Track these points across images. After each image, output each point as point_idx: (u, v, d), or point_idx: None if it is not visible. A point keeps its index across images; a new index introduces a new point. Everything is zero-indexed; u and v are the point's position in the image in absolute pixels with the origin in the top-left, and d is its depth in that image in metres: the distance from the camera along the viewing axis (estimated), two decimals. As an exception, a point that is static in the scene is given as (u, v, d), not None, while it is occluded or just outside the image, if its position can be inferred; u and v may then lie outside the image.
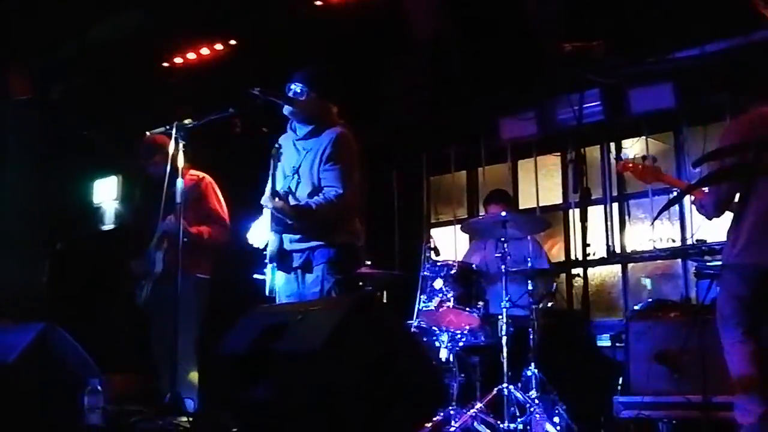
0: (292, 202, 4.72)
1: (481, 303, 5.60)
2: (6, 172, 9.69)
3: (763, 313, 4.26)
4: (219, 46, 8.07)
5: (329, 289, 4.64)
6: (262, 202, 4.76)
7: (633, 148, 7.40)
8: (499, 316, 5.56)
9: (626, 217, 7.45)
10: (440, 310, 5.53)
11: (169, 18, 7.72)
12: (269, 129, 4.83)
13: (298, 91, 4.86)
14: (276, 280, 4.78)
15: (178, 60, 8.33)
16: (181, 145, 4.91)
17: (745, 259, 4.24)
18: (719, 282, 4.41)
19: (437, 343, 5.64)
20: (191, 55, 8.25)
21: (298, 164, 4.82)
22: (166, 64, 8.40)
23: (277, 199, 4.64)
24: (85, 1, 7.53)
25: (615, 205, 7.50)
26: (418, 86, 7.63)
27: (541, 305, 5.98)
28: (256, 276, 4.95)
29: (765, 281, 4.25)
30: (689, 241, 6.87)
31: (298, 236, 4.74)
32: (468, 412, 5.32)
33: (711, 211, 4.37)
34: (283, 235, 4.77)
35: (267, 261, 4.79)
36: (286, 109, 4.87)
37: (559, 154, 7.84)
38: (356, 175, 4.78)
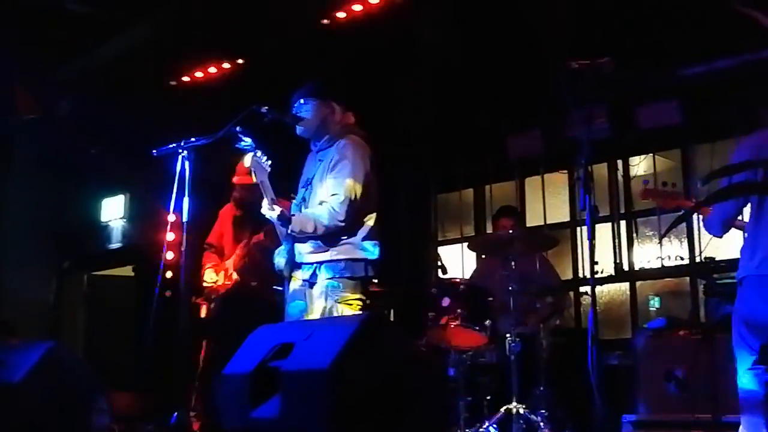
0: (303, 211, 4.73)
1: (488, 321, 5.57)
2: (14, 191, 9.72)
3: None
4: (227, 65, 8.11)
5: (331, 307, 4.57)
6: (262, 211, 4.75)
7: (640, 165, 7.39)
8: (507, 335, 5.54)
9: (634, 235, 7.43)
10: (448, 328, 5.52)
11: (177, 36, 7.74)
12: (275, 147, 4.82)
13: (302, 102, 4.87)
14: (288, 292, 4.80)
15: (185, 78, 8.36)
16: (187, 164, 4.92)
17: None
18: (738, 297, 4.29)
19: (445, 362, 5.62)
20: (199, 74, 8.29)
21: (312, 175, 4.83)
22: (173, 82, 8.44)
23: (274, 207, 4.62)
24: (92, 19, 7.56)
25: (623, 223, 7.48)
26: (425, 104, 7.64)
27: (549, 323, 5.98)
28: (276, 288, 4.98)
29: None
30: (698, 259, 6.85)
31: (308, 249, 4.72)
32: (476, 431, 5.30)
33: (716, 229, 4.33)
34: (296, 247, 4.75)
35: (278, 270, 4.81)
36: (299, 130, 4.87)
37: (566, 171, 7.83)
38: (364, 182, 4.69)
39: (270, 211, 4.64)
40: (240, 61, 8.01)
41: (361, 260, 4.68)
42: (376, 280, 4.87)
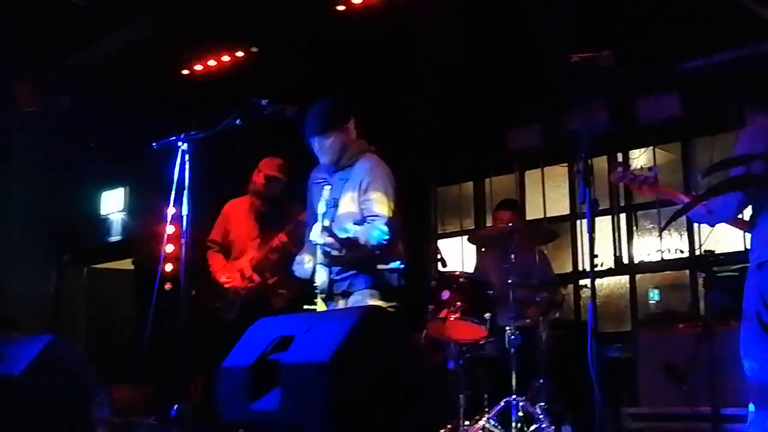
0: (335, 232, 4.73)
1: (488, 314, 5.58)
2: (14, 184, 9.72)
3: None
4: (226, 58, 8.10)
5: None
6: (311, 238, 4.74)
7: (640, 158, 7.38)
8: (507, 328, 5.55)
9: (634, 228, 7.43)
10: (448, 321, 5.52)
11: (177, 28, 7.73)
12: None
13: (322, 138, 4.82)
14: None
15: (185, 72, 8.36)
16: (187, 157, 4.91)
17: None
18: (748, 284, 4.23)
19: (444, 354, 5.63)
20: (198, 67, 8.28)
21: (338, 195, 4.79)
22: (174, 75, 8.43)
23: (327, 235, 4.62)
24: (92, 11, 7.55)
25: (623, 216, 7.48)
26: (425, 97, 7.63)
27: (548, 316, 5.98)
28: (306, 307, 4.98)
29: None
30: (697, 252, 6.85)
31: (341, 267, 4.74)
32: (475, 424, 5.30)
33: (725, 215, 4.24)
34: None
35: (318, 292, 4.81)
36: (323, 159, 4.85)
37: (566, 164, 7.83)
38: (396, 198, 4.75)
39: (325, 237, 4.62)
40: (239, 54, 8.01)
41: (391, 270, 4.74)
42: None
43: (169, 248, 6.35)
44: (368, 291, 4.65)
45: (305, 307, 5.03)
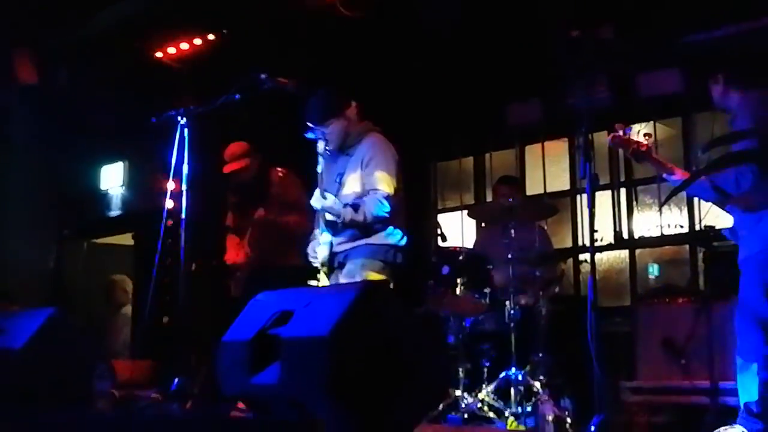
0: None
1: (488, 289, 5.59)
2: (13, 159, 9.71)
3: None
4: (222, 34, 8.07)
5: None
6: (312, 202, 4.85)
7: (640, 133, 7.35)
8: (507, 302, 5.56)
9: (634, 203, 7.42)
10: (447, 296, 5.53)
11: (173, 3, 7.70)
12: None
13: (322, 128, 4.88)
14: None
15: (184, 45, 8.33)
16: (186, 132, 4.92)
17: None
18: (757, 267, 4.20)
19: (444, 329, 5.65)
20: (197, 41, 8.25)
21: (343, 170, 4.91)
22: (171, 50, 8.39)
23: (326, 198, 4.72)
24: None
25: (623, 191, 7.47)
26: (424, 72, 7.61)
27: (548, 291, 5.99)
28: (309, 282, 5.03)
29: None
30: (697, 227, 6.85)
31: (343, 237, 4.85)
32: (475, 398, 5.33)
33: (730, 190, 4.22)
34: (333, 239, 4.87)
35: (319, 266, 4.88)
36: (329, 147, 4.95)
37: (566, 139, 7.81)
38: (397, 176, 4.86)
39: (322, 200, 4.74)
40: (235, 29, 7.97)
41: (390, 246, 4.81)
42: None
43: (170, 222, 6.38)
44: (361, 261, 4.72)
45: (309, 282, 5.07)
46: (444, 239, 6.06)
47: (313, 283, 5.00)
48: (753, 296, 4.04)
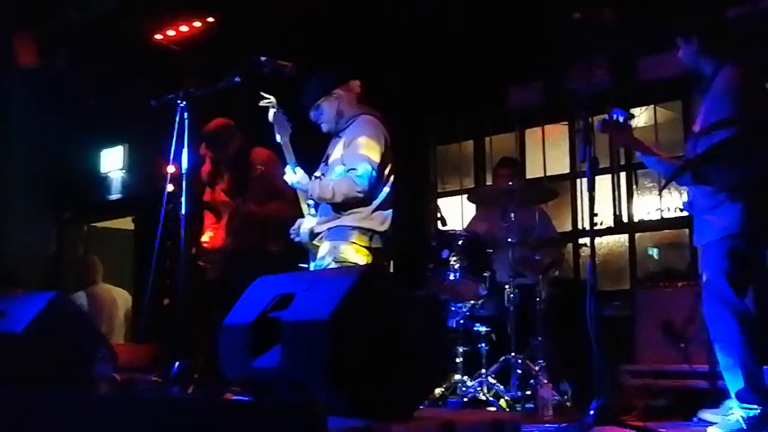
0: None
1: (488, 273, 5.60)
2: (13, 142, 9.71)
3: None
4: (221, 16, 8.06)
5: (328, 265, 4.70)
6: (284, 178, 4.85)
7: (641, 117, 7.35)
8: (506, 286, 5.57)
9: (634, 187, 7.42)
10: (447, 279, 5.54)
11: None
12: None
13: (315, 108, 4.90)
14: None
15: (183, 28, 8.31)
16: (186, 115, 4.90)
17: None
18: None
19: (444, 312, 5.66)
20: (197, 23, 8.23)
21: (331, 151, 4.91)
22: (170, 32, 8.38)
23: (296, 172, 4.73)
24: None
25: (623, 175, 7.46)
26: (424, 55, 7.59)
27: (547, 274, 6.00)
28: (300, 265, 5.03)
29: None
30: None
31: (322, 217, 4.84)
32: (474, 382, 5.35)
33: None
34: (316, 218, 4.88)
35: (303, 244, 4.90)
36: (324, 128, 4.98)
37: (566, 123, 7.80)
38: (380, 157, 4.77)
39: (293, 175, 4.76)
40: (233, 14, 7.96)
41: (366, 230, 4.75)
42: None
43: (169, 206, 6.36)
44: (333, 243, 4.70)
45: (300, 265, 5.07)
46: (444, 223, 6.06)
47: (303, 265, 5.00)
48: (718, 283, 4.07)
